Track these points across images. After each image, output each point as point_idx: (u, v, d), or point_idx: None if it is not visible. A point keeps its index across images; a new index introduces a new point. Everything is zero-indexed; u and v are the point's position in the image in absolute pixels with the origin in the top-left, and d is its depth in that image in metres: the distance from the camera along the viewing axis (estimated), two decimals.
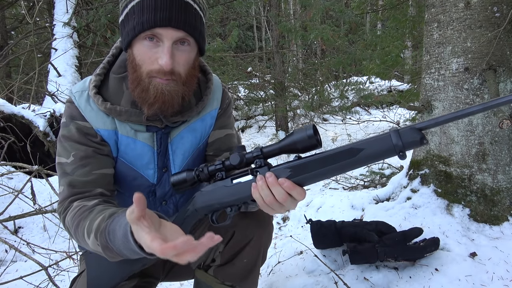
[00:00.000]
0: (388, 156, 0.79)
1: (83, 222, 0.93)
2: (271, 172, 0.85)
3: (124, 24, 0.98)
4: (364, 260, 1.68)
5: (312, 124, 0.84)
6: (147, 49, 0.96)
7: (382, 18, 6.39)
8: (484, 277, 1.58)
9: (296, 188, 0.84)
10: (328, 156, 0.82)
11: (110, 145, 1.08)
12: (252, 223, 1.19)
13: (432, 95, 2.11)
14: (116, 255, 0.87)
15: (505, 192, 1.94)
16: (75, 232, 0.96)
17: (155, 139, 1.11)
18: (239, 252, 1.21)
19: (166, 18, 0.92)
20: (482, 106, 0.71)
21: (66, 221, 1.00)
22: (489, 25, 1.87)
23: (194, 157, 1.21)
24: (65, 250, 2.32)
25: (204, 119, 1.19)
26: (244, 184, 0.92)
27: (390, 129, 0.78)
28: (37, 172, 2.85)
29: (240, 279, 1.23)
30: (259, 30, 16.68)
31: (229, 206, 0.96)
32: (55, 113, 3.84)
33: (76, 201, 1.01)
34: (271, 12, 6.25)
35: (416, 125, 0.77)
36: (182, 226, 1.00)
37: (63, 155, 1.05)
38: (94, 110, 1.06)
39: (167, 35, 0.94)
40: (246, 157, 0.90)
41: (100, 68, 1.10)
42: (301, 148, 0.84)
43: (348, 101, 6.51)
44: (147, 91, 0.98)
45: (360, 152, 0.79)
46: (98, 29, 5.10)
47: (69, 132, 1.05)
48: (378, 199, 2.38)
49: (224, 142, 1.25)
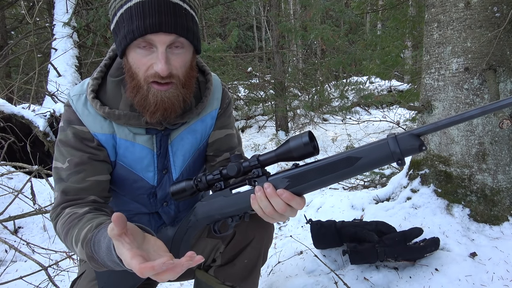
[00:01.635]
0: (386, 164, 0.78)
1: (72, 230, 0.93)
2: (269, 183, 0.85)
3: (116, 32, 0.97)
4: (364, 260, 1.68)
5: (308, 131, 0.83)
6: (141, 56, 0.94)
7: (382, 18, 6.39)
8: (484, 277, 1.58)
9: (295, 198, 0.83)
10: (325, 165, 0.82)
11: (108, 149, 1.07)
12: (252, 224, 1.18)
13: (432, 95, 2.11)
14: (100, 265, 0.86)
15: (505, 192, 1.94)
16: (65, 239, 0.96)
17: (155, 142, 1.10)
18: (240, 252, 1.21)
19: (156, 24, 0.89)
20: (481, 110, 0.69)
21: (57, 227, 1.00)
22: (489, 25, 1.87)
23: (195, 158, 1.20)
24: (65, 250, 2.32)
25: (204, 120, 1.18)
26: (243, 195, 0.91)
27: (388, 135, 0.77)
28: (37, 172, 2.85)
29: (240, 279, 1.23)
30: (259, 30, 16.68)
31: (230, 216, 0.96)
32: (55, 113, 3.84)
33: (68, 207, 1.01)
34: (271, 12, 6.25)
35: (414, 130, 0.75)
36: (185, 237, 1.01)
37: (59, 160, 1.05)
38: (92, 114, 1.04)
39: (159, 40, 0.91)
40: (243, 166, 0.90)
41: (97, 72, 1.09)
42: (298, 156, 0.83)
43: (348, 101, 6.51)
44: (146, 99, 0.97)
45: (358, 160, 0.78)
46: (98, 29, 5.11)
47: (66, 137, 1.05)
48: (378, 199, 2.38)
49: (224, 142, 1.24)
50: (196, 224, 1.00)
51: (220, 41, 5.68)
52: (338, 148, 4.95)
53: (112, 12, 0.96)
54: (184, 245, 1.03)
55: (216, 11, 5.98)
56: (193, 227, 1.01)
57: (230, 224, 0.97)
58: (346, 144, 4.99)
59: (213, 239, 1.25)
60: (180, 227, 1.03)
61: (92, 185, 1.04)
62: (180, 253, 1.01)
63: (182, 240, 1.02)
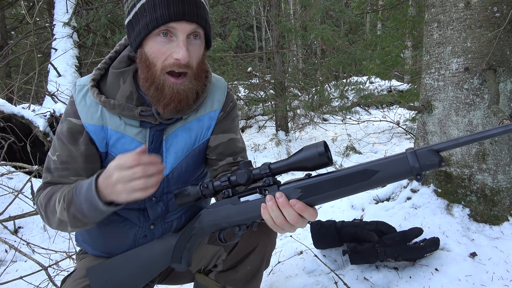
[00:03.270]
0: (404, 179, 0.76)
1: (56, 194, 0.99)
2: (282, 193, 0.83)
3: (133, 24, 0.99)
4: (364, 260, 1.68)
5: (323, 141, 0.80)
6: (160, 45, 0.97)
7: (382, 18, 6.40)
8: (484, 277, 1.58)
9: (308, 209, 0.81)
10: (341, 176, 0.79)
11: (97, 141, 1.08)
12: (256, 231, 1.17)
13: (432, 95, 2.11)
14: (76, 211, 0.93)
15: (505, 192, 1.94)
16: (46, 206, 1.01)
17: (148, 135, 1.09)
18: (243, 259, 1.20)
19: (180, 12, 0.93)
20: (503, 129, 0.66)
21: (39, 200, 1.04)
22: (489, 25, 1.87)
23: (188, 159, 1.16)
24: (65, 250, 2.32)
25: (201, 120, 1.15)
26: (253, 204, 0.89)
27: (406, 150, 0.74)
28: (37, 172, 2.85)
29: (242, 284, 1.21)
30: (259, 30, 16.69)
31: (237, 225, 0.93)
32: (55, 113, 3.84)
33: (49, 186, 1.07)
34: (271, 12, 6.25)
35: (434, 146, 0.72)
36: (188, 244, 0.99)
37: (52, 150, 1.10)
38: (87, 105, 1.07)
39: (181, 28, 0.95)
40: (253, 173, 0.87)
41: (101, 63, 1.12)
42: (311, 166, 0.81)
43: (348, 101, 6.51)
44: (162, 91, 0.99)
45: (375, 174, 0.76)
46: (98, 29, 5.10)
47: (61, 130, 1.08)
48: (378, 199, 2.38)
49: (227, 146, 1.21)
50: (201, 232, 0.98)
51: (220, 41, 5.69)
52: (338, 148, 4.95)
53: (131, 5, 0.99)
54: (187, 253, 1.00)
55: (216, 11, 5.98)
56: (197, 234, 0.98)
57: (237, 233, 0.94)
58: (346, 144, 4.98)
59: (214, 246, 1.23)
60: (183, 234, 1.00)
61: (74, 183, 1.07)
62: (183, 262, 1.00)
63: (185, 247, 0.99)
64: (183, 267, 1.00)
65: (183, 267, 1.00)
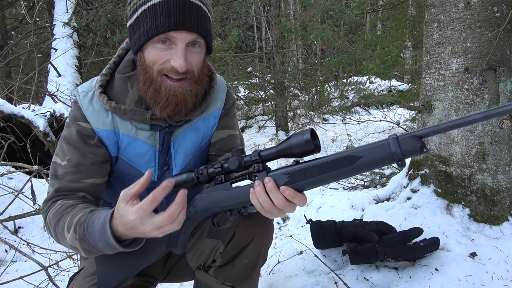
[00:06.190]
0: (386, 164, 0.77)
1: (65, 217, 0.96)
2: (270, 177, 0.85)
3: (134, 28, 1.00)
4: (364, 260, 1.68)
5: (310, 128, 0.83)
6: (159, 51, 0.98)
7: (382, 18, 6.39)
8: (484, 277, 1.58)
9: (298, 195, 0.84)
10: (325, 163, 0.82)
11: (109, 145, 1.09)
12: (252, 224, 1.19)
13: (432, 95, 2.11)
14: (91, 247, 0.90)
15: (505, 192, 1.94)
16: (55, 228, 0.98)
17: (158, 138, 1.12)
18: (240, 252, 1.21)
19: (180, 22, 0.94)
20: (483, 115, 0.68)
21: (48, 218, 1.03)
22: (489, 25, 1.87)
23: (196, 157, 1.21)
24: (65, 250, 2.32)
25: (206, 119, 1.20)
26: (243, 189, 0.92)
27: (389, 136, 0.76)
28: (37, 172, 2.85)
29: (240, 279, 1.23)
30: (259, 30, 16.68)
31: (229, 210, 0.96)
32: (55, 113, 3.84)
33: (59, 200, 1.04)
34: (271, 12, 6.25)
35: (416, 132, 0.74)
36: (184, 228, 1.01)
37: (60, 155, 1.08)
38: (96, 110, 1.07)
39: (180, 38, 0.96)
40: (244, 160, 0.90)
41: (106, 69, 1.12)
42: (299, 153, 0.83)
43: (348, 101, 6.52)
44: (159, 92, 1.00)
45: (358, 160, 0.78)
46: (98, 29, 5.11)
47: (70, 134, 1.08)
48: (378, 199, 2.38)
49: (227, 142, 1.25)
50: (196, 216, 1.00)
51: (220, 41, 5.69)
52: (338, 148, 4.95)
53: (133, 8, 0.99)
54: (182, 237, 1.03)
55: (216, 11, 5.99)
56: (192, 219, 1.01)
57: (228, 217, 0.97)
58: (346, 144, 4.99)
59: (213, 240, 1.25)
60: None
61: (86, 186, 1.07)
62: (179, 245, 1.02)
63: (181, 231, 1.02)
64: (179, 249, 1.03)
65: (179, 250, 1.03)
